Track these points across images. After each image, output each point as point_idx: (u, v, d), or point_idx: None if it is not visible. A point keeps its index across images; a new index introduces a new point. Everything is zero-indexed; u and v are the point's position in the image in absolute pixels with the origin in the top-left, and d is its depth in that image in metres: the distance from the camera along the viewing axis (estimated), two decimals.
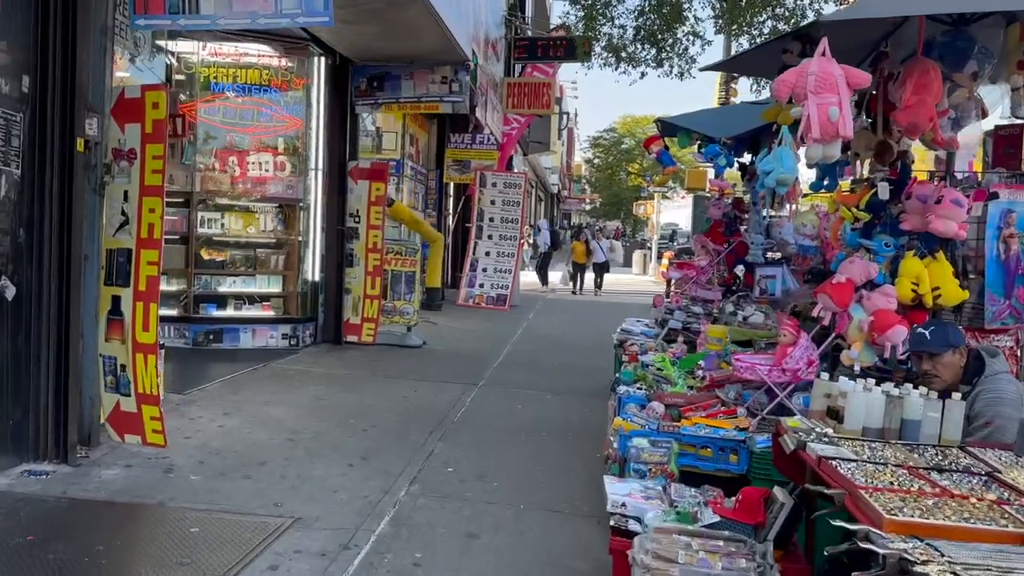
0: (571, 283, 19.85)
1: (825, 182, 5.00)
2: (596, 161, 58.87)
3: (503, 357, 9.22)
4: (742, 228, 7.53)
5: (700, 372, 4.58)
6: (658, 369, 5.00)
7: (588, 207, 62.55)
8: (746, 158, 7.57)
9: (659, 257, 29.82)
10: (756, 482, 3.86)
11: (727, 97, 17.68)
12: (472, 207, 14.65)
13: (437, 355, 9.07)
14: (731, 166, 6.96)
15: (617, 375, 5.24)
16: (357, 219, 9.25)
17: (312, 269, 9.06)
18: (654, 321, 7.57)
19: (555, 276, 21.38)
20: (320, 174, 9.06)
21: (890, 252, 4.01)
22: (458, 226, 16.76)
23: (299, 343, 8.80)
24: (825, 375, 3.40)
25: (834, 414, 3.25)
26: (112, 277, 4.86)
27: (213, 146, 8.73)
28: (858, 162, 4.70)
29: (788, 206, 6.91)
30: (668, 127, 7.16)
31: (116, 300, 4.84)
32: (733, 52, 17.11)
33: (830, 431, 3.06)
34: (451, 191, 16.42)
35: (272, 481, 4.52)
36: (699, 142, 7.14)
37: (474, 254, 14.57)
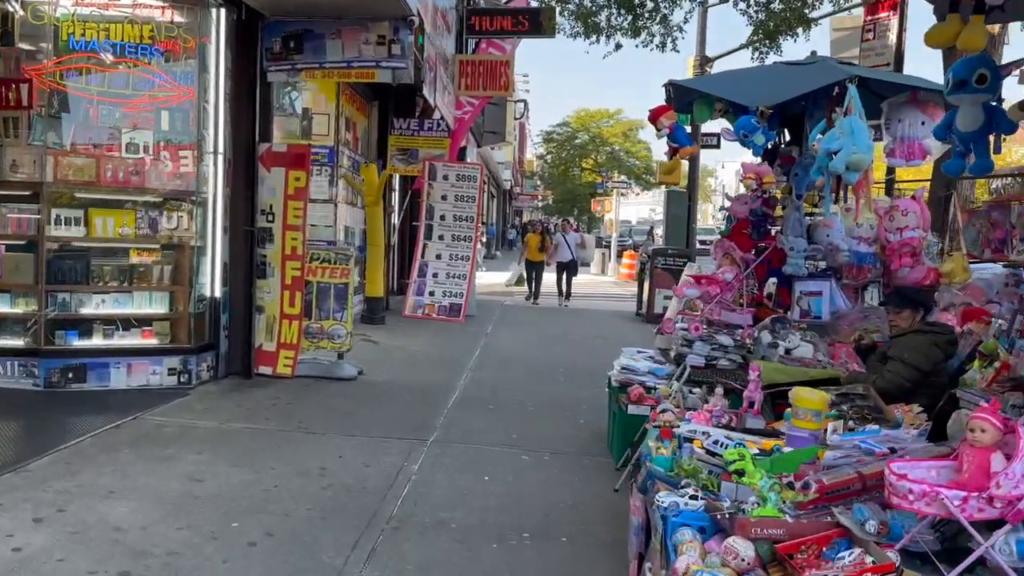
0: (526, 287, 16.60)
1: (969, 160, 3.21)
2: (549, 157, 57.21)
3: (460, 391, 7.30)
4: (774, 231, 5.78)
5: (806, 478, 2.72)
6: (712, 454, 3.15)
7: (541, 204, 60.92)
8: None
9: (619, 256, 28.26)
10: None
11: None
12: (421, 203, 12.65)
13: (376, 391, 7.10)
14: (768, 144, 5.16)
15: (647, 461, 3.37)
16: (271, 217, 7.22)
17: (211, 282, 7.00)
18: (659, 351, 5.76)
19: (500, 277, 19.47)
20: (221, 159, 7.00)
21: None
22: (405, 224, 14.75)
23: (192, 380, 6.73)
24: None
25: None
26: None
27: (73, 122, 6.60)
28: None
29: (849, 201, 5.18)
30: (681, 94, 5.33)
31: None
32: (708, 30, 15.47)
33: None
34: (396, 184, 14.40)
35: None
36: (723, 113, 5.34)
37: (423, 257, 12.51)
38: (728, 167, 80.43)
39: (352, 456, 5.08)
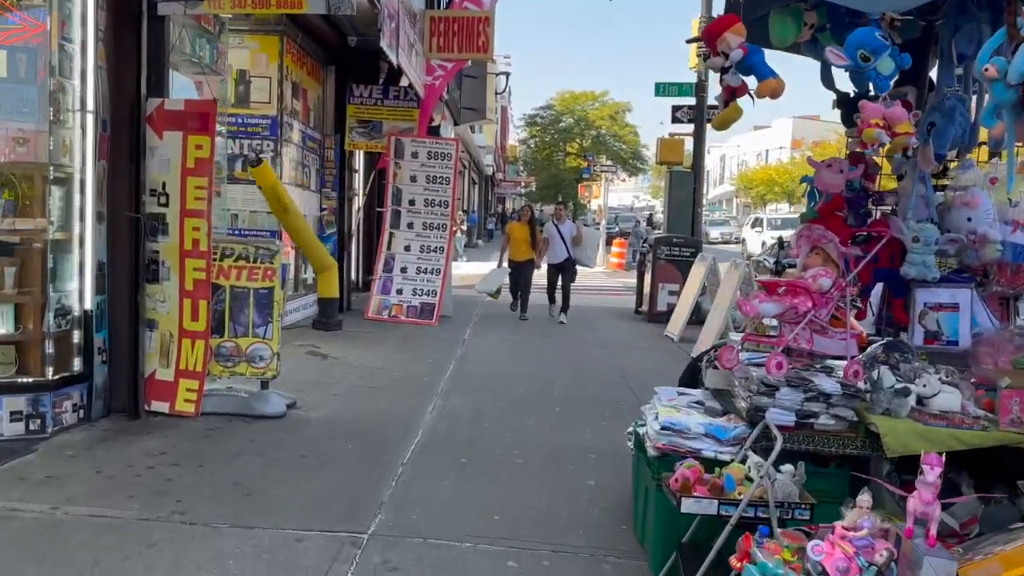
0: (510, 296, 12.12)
1: None
2: (532, 142, 55.14)
3: (423, 433, 5.43)
4: (878, 212, 3.95)
5: None
6: None
7: (524, 190, 58.90)
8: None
9: (608, 244, 26.38)
10: None
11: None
12: (386, 185, 10.75)
13: (306, 436, 5.22)
14: (902, 69, 3.29)
15: None
16: (164, 199, 5.32)
17: (79, 290, 5.09)
18: (711, 394, 3.91)
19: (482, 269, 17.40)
20: (91, 120, 5.07)
21: None
22: (369, 210, 12.83)
23: (47, 426, 4.82)
24: None
25: None
26: None
27: None
28: None
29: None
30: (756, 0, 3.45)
31: None
32: None
33: None
34: (359, 164, 12.47)
35: None
36: (815, 32, 3.48)
37: (389, 249, 10.67)
38: (713, 152, 78.34)
39: (243, 571, 3.21)
